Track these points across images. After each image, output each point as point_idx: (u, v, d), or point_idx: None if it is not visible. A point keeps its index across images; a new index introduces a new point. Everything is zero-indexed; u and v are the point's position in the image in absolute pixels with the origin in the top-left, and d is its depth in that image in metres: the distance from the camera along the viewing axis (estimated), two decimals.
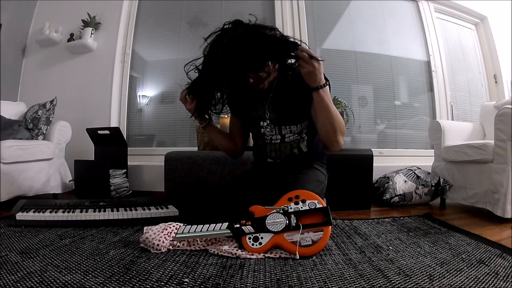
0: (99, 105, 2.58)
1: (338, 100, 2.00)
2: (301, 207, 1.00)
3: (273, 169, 1.28)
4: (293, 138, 1.23)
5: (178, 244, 1.01)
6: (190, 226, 1.02)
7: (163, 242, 0.97)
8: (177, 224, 1.05)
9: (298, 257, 0.91)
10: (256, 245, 0.95)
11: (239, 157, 1.43)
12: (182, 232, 1.00)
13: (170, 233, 1.01)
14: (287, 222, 0.97)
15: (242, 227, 0.98)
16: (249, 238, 0.96)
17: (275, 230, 0.96)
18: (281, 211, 1.00)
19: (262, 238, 0.96)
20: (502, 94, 2.86)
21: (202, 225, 1.01)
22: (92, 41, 2.61)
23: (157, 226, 1.03)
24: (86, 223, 1.28)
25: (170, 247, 0.99)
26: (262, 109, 1.23)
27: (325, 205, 1.01)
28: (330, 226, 0.96)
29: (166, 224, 1.04)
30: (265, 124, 1.24)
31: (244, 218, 1.01)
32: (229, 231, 0.98)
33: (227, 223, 1.00)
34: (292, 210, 1.00)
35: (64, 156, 2.21)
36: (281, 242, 0.95)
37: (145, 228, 1.03)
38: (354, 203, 1.77)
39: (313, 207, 1.00)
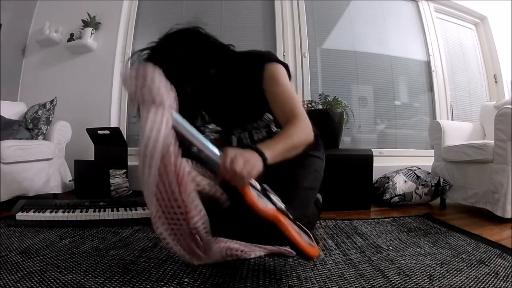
0: (99, 105, 2.58)
1: (338, 100, 1.99)
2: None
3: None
4: (262, 136, 1.05)
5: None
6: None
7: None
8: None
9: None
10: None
11: None
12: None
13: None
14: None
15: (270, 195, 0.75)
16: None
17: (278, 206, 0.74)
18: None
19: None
20: (502, 94, 2.86)
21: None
22: (92, 41, 2.61)
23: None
24: (86, 223, 1.28)
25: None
26: (202, 118, 1.04)
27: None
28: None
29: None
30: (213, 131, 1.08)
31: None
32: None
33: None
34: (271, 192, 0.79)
35: (64, 156, 2.20)
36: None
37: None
38: (354, 203, 1.77)
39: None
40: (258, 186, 0.75)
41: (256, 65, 0.95)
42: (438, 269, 0.82)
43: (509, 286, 0.72)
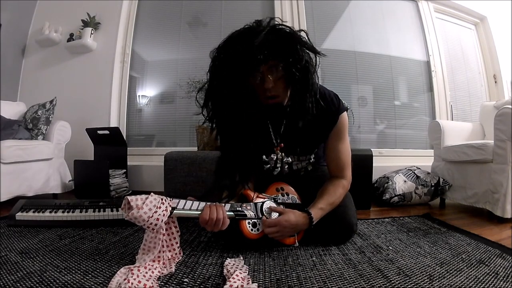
0: (99, 105, 2.58)
1: None
2: (286, 200, 1.05)
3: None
4: (301, 166, 1.14)
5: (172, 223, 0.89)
6: (185, 201, 0.87)
7: (161, 220, 0.81)
8: (168, 199, 0.85)
9: (297, 245, 0.99)
10: (255, 231, 0.96)
11: None
12: (183, 208, 0.86)
13: (165, 209, 0.83)
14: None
15: (245, 211, 0.93)
16: (248, 223, 0.96)
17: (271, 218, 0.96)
18: (273, 200, 1.02)
19: (259, 224, 0.96)
20: (502, 94, 2.87)
21: (198, 202, 0.88)
22: (91, 41, 2.61)
23: (146, 201, 0.80)
24: (85, 223, 1.28)
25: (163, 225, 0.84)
26: (270, 140, 1.06)
27: (301, 201, 1.07)
28: None
29: (155, 198, 0.83)
30: (273, 158, 1.07)
31: (243, 201, 0.99)
32: (232, 213, 0.91)
33: (229, 204, 0.93)
34: (281, 201, 1.03)
35: (64, 156, 2.20)
36: None
37: (129, 198, 0.79)
38: (353, 203, 1.77)
39: (294, 202, 1.05)
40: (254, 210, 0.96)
41: (333, 116, 1.03)
42: (438, 269, 0.82)
43: (509, 286, 0.72)
